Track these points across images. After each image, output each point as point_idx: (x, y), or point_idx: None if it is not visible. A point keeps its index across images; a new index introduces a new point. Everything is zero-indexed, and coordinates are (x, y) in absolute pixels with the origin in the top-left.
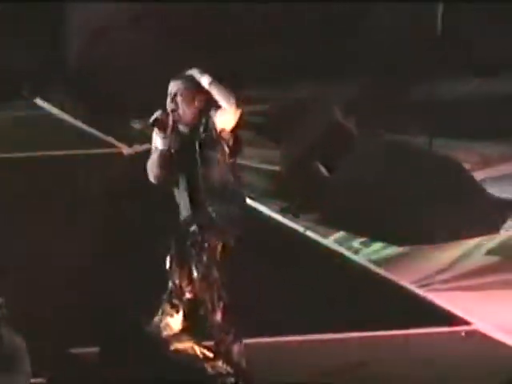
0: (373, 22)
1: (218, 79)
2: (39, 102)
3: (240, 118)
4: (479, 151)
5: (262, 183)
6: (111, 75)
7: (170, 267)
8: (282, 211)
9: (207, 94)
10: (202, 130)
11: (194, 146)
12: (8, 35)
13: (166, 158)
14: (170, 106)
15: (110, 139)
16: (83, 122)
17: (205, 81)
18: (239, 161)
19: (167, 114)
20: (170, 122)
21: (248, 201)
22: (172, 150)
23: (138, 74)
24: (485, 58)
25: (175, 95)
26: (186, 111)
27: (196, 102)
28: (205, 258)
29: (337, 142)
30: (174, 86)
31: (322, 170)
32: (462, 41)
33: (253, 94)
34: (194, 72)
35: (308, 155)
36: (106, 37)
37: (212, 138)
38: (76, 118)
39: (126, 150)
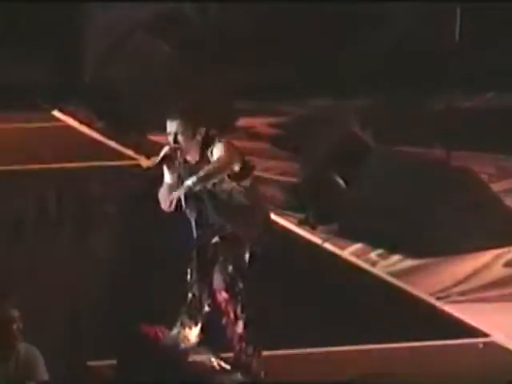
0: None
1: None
2: (56, 113)
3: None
4: (496, 163)
5: (279, 195)
6: (127, 88)
7: (191, 278)
8: (300, 223)
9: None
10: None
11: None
12: (26, 48)
13: (173, 191)
14: (172, 144)
15: (128, 151)
16: (100, 134)
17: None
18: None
19: (175, 149)
20: (178, 157)
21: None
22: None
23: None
24: (500, 70)
25: (176, 135)
26: (188, 147)
27: (198, 137)
28: (230, 268)
29: (353, 154)
30: (171, 126)
31: (339, 181)
32: (478, 53)
33: (269, 106)
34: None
35: (325, 167)
36: (121, 50)
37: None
38: (93, 129)
39: (144, 162)
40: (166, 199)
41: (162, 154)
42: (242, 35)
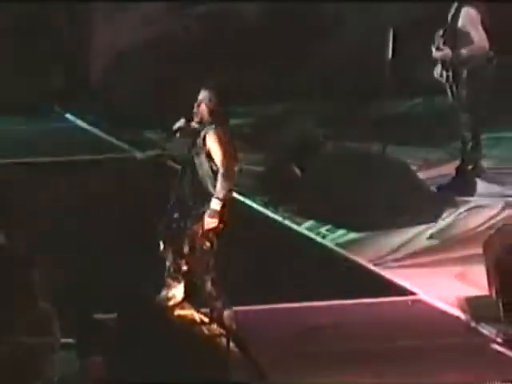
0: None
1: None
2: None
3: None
4: (422, 156)
5: (249, 182)
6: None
7: (164, 248)
8: (265, 204)
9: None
10: (199, 142)
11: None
12: (43, 58)
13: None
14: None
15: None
16: (104, 132)
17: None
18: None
19: (188, 123)
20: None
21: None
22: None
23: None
24: (424, 80)
25: (200, 103)
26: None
27: (211, 116)
28: (187, 239)
29: (307, 148)
30: (201, 95)
31: (296, 170)
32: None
33: (241, 110)
34: None
35: (285, 159)
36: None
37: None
38: (97, 128)
39: (138, 155)
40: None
41: (177, 124)
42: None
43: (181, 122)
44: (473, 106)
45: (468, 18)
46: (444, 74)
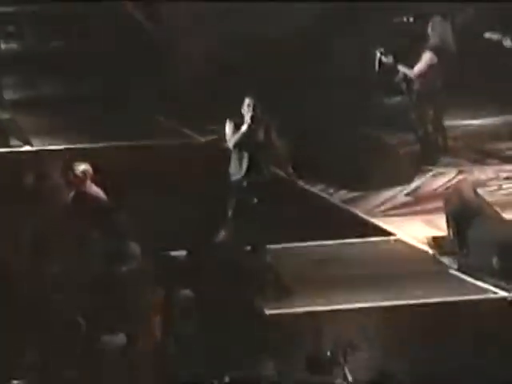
0: None
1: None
2: None
3: None
4: (398, 136)
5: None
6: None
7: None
8: (289, 176)
9: None
10: (263, 131)
11: (258, 136)
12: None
13: (244, 135)
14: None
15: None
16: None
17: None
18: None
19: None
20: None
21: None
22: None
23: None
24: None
25: (255, 106)
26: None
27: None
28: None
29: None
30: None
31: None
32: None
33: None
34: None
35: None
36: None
37: (270, 139)
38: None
39: (201, 140)
40: (236, 139)
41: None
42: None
43: (246, 124)
44: (421, 108)
45: (424, 55)
46: (402, 82)
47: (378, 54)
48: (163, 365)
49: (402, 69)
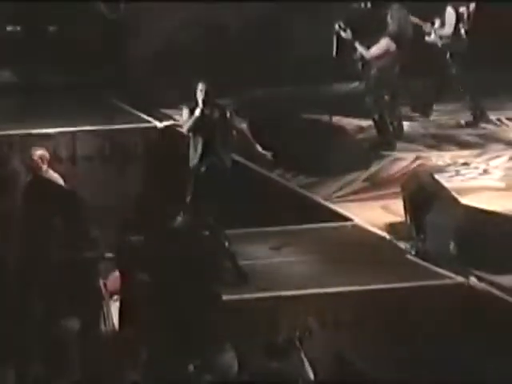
0: None
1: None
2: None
3: None
4: (356, 123)
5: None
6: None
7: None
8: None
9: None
10: (218, 114)
11: (213, 120)
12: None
13: (197, 120)
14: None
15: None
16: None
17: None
18: None
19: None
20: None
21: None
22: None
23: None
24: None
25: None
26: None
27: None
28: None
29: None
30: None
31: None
32: None
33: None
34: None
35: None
36: None
37: (226, 122)
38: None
39: (158, 125)
40: (189, 125)
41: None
42: None
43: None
44: (377, 92)
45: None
46: (360, 65)
47: (337, 28)
48: (122, 351)
49: (359, 47)
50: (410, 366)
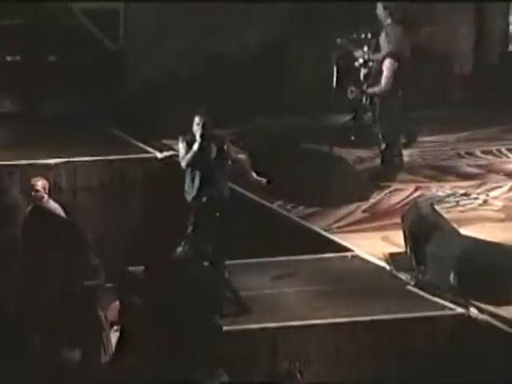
0: None
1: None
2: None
3: None
4: (356, 154)
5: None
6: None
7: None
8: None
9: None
10: (216, 147)
11: (210, 153)
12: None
13: (195, 154)
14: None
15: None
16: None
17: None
18: None
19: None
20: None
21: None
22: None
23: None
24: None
25: (204, 124)
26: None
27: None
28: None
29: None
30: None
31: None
32: None
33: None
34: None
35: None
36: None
37: (224, 154)
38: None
39: (158, 155)
40: (189, 159)
41: (199, 132)
42: None
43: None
44: (386, 121)
45: (385, 64)
46: (364, 99)
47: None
48: (121, 377)
49: (370, 91)
50: None
